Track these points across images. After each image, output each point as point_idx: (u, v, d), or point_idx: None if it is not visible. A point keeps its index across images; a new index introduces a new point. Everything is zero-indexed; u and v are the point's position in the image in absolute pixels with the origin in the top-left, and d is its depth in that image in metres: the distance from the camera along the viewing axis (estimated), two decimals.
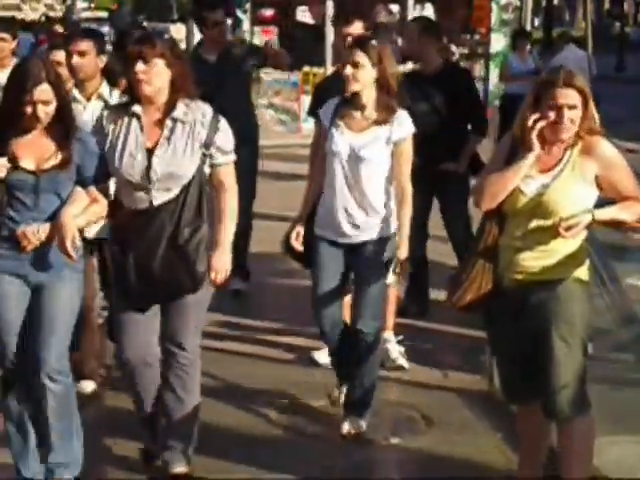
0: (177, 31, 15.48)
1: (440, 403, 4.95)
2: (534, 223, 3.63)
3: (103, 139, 3.96)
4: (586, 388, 3.67)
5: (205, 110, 3.97)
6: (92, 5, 40.26)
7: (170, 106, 3.93)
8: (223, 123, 3.98)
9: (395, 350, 5.49)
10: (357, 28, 5.48)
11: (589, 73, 12.20)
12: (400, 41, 14.98)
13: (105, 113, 4.08)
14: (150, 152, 3.92)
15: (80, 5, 37.85)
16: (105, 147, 3.95)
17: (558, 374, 3.58)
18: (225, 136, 3.98)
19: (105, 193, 4.01)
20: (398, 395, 5.15)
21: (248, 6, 14.95)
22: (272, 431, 4.73)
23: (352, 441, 4.54)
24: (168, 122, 3.93)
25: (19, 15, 28.01)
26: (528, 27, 15.51)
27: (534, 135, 3.57)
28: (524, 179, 3.61)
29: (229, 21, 7.00)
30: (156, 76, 3.87)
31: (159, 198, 3.91)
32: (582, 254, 3.71)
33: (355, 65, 4.42)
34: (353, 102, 4.50)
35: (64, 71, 4.85)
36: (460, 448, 4.44)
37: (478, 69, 14.78)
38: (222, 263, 3.99)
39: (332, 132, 4.53)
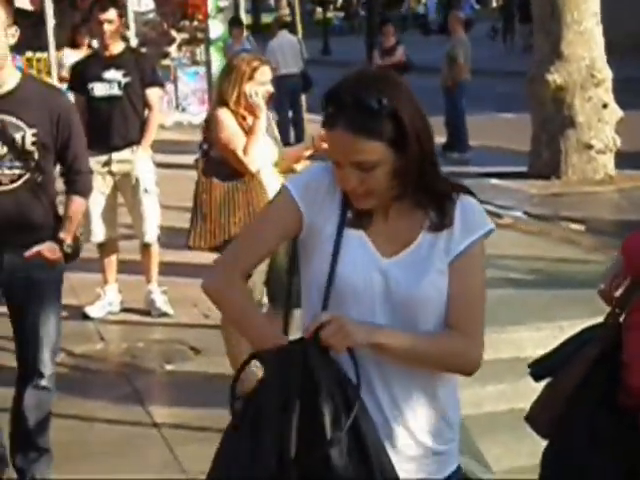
0: None
1: (204, 337, 5.83)
2: None
3: None
4: None
5: None
6: None
7: None
8: None
9: (160, 299, 6.33)
10: (111, 15, 6.16)
11: (301, 57, 13.40)
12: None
13: None
14: None
15: None
16: None
17: None
18: None
19: None
20: (167, 334, 5.99)
21: None
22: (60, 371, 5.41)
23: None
24: None
25: None
26: (242, 13, 16.46)
27: None
28: None
29: None
30: None
31: None
32: None
33: (359, 165, 2.08)
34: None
35: None
36: (222, 368, 5.33)
37: (199, 53, 15.75)
38: None
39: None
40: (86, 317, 6.21)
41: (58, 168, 3.98)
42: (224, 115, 4.65)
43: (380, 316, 2.12)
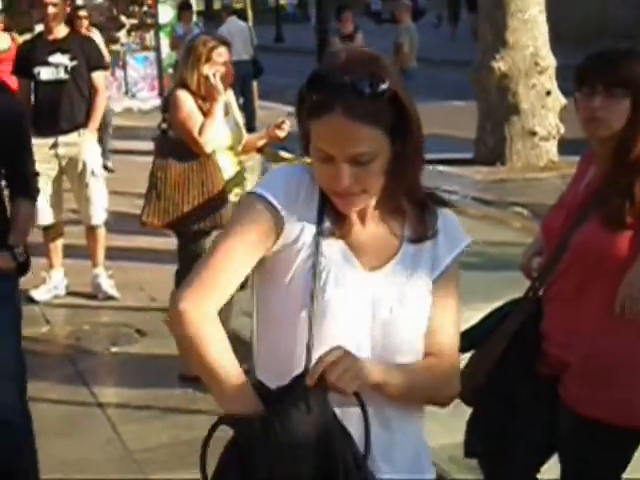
0: None
1: (150, 320, 5.88)
2: None
3: None
4: None
5: None
6: None
7: None
8: None
9: (106, 283, 6.37)
10: None
11: (251, 44, 13.42)
12: None
13: None
14: None
15: None
16: None
17: None
18: None
19: None
20: (113, 318, 6.04)
21: None
22: None
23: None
24: None
25: None
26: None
27: None
28: None
29: None
30: None
31: None
32: None
33: (356, 158, 1.81)
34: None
35: None
36: (168, 349, 5.38)
37: (149, 38, 15.72)
38: None
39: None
40: (31, 300, 6.23)
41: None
42: (183, 96, 4.71)
43: (369, 339, 1.85)
